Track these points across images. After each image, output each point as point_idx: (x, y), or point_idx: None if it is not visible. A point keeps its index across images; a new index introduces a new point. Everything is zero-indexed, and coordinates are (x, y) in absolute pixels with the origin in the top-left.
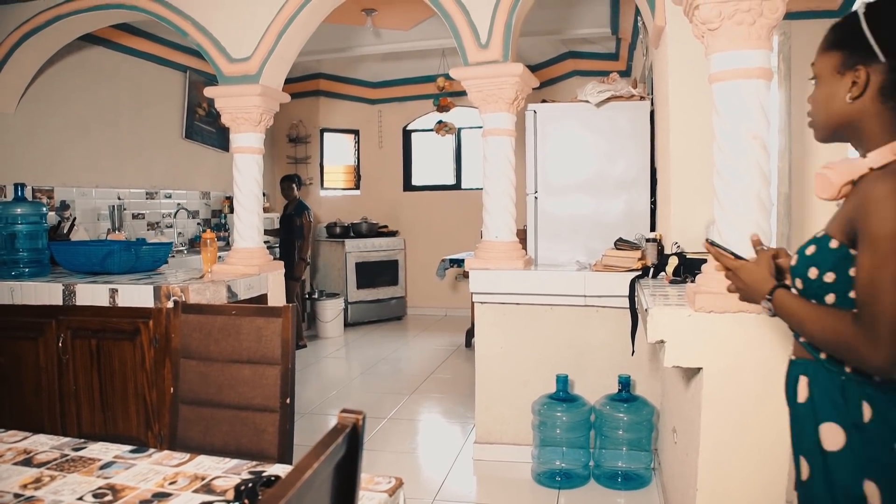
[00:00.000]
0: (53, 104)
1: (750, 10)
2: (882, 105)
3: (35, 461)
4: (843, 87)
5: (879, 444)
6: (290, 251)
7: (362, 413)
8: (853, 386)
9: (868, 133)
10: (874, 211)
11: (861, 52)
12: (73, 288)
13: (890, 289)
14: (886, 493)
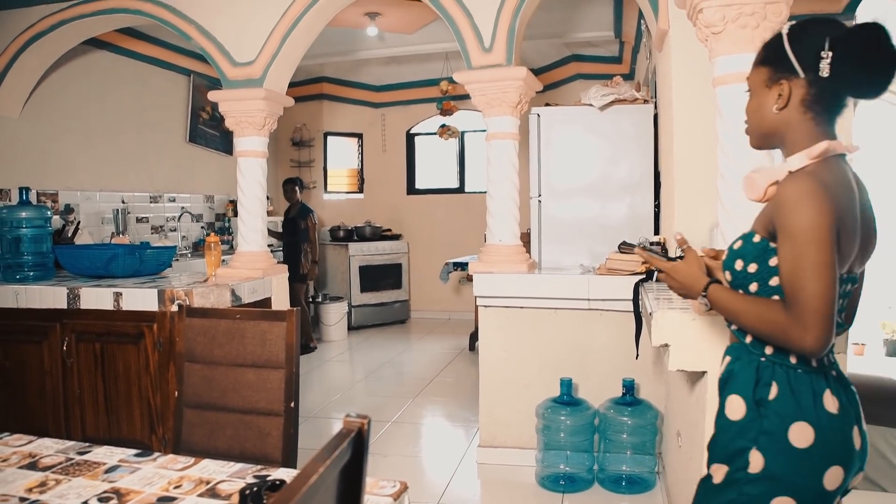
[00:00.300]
0: (58, 108)
1: (754, 14)
2: (803, 115)
3: (40, 465)
4: (770, 98)
5: (777, 420)
6: (295, 254)
7: (367, 417)
8: (768, 367)
9: (791, 139)
10: (789, 209)
11: (784, 68)
12: (77, 291)
13: (811, 276)
14: (770, 461)
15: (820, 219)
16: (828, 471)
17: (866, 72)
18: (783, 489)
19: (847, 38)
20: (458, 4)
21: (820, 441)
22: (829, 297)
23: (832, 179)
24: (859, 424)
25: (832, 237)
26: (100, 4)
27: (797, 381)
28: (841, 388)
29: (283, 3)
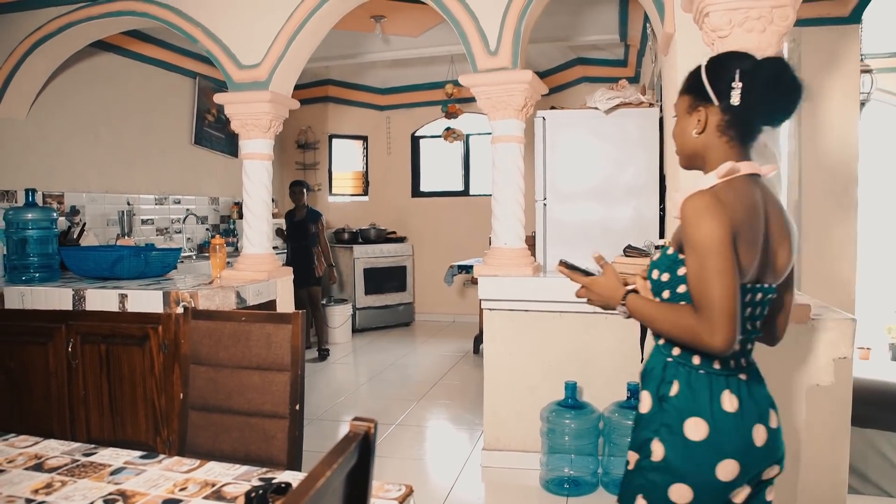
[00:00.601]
0: (64, 110)
1: (760, 18)
2: (718, 139)
3: (46, 466)
4: (691, 124)
5: (675, 414)
6: (307, 258)
7: (374, 421)
8: (673, 367)
9: (709, 160)
10: (690, 223)
11: (702, 97)
12: (82, 293)
13: (714, 281)
14: (668, 452)
15: (718, 230)
16: (720, 463)
17: (771, 100)
18: (679, 477)
19: (753, 71)
20: (463, 8)
21: (713, 435)
22: (732, 299)
23: (731, 197)
24: (765, 423)
25: (730, 246)
26: (107, 7)
27: (696, 381)
28: (747, 390)
29: (289, 6)
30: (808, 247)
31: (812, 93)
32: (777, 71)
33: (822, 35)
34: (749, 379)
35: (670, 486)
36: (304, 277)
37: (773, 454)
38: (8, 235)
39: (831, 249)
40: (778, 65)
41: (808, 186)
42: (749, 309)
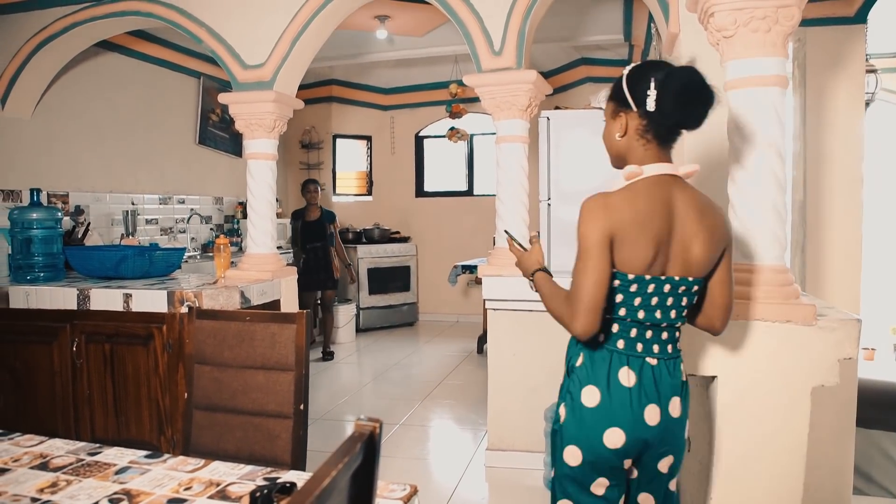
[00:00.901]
0: (69, 110)
1: (765, 18)
2: (637, 141)
3: (51, 465)
4: (615, 127)
5: (577, 382)
6: (325, 259)
7: (379, 421)
8: (574, 344)
9: (630, 161)
10: (579, 222)
11: (623, 103)
12: (87, 293)
13: (581, 278)
14: (568, 415)
15: (593, 234)
16: (608, 430)
17: (681, 106)
18: (572, 439)
19: (666, 79)
20: (468, 8)
21: (604, 404)
22: (590, 293)
23: (621, 199)
24: (662, 406)
25: (601, 248)
26: (111, 7)
27: (598, 355)
28: (650, 373)
29: (294, 6)
30: (812, 247)
31: (817, 93)
32: (687, 79)
33: (828, 35)
34: (658, 364)
35: (566, 448)
36: (322, 280)
37: (667, 440)
38: (13, 235)
39: (836, 250)
40: (688, 73)
41: (813, 187)
42: (654, 297)
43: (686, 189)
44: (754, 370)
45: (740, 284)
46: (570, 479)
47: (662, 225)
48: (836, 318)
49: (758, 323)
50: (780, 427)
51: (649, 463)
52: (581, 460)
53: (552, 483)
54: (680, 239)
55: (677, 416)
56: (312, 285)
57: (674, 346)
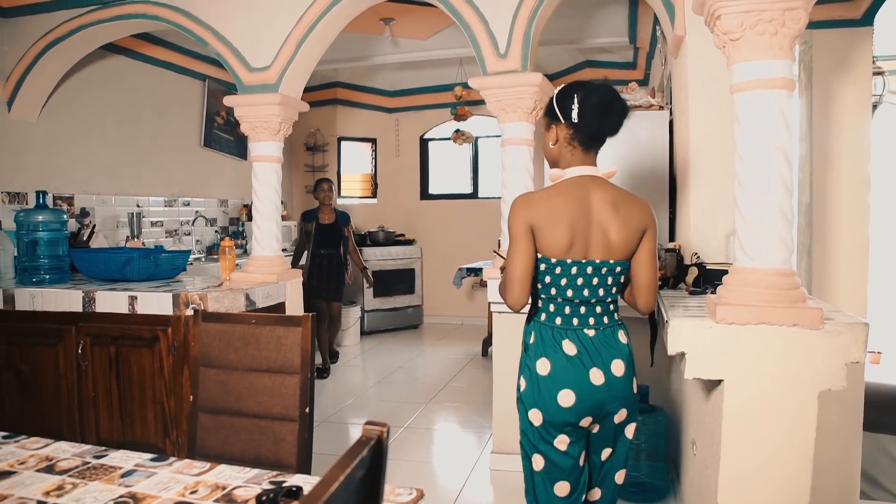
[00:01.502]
0: (74, 112)
1: (772, 21)
2: (565, 149)
3: (57, 468)
4: (549, 137)
5: (531, 356)
6: (338, 266)
7: (386, 425)
8: (531, 324)
9: (561, 164)
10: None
11: (554, 117)
12: (92, 295)
13: (510, 261)
14: (526, 384)
15: (513, 223)
16: (560, 392)
17: (599, 118)
18: (533, 403)
19: (585, 96)
20: (473, 11)
21: (555, 371)
22: (518, 271)
23: (541, 197)
24: (604, 369)
25: (523, 237)
26: (118, 10)
27: (545, 332)
28: (590, 342)
29: (299, 9)
30: (819, 250)
31: (824, 96)
32: (602, 95)
33: (834, 37)
34: (596, 334)
35: (529, 411)
36: (333, 289)
37: (616, 395)
38: (19, 237)
39: (843, 253)
40: (603, 90)
41: (819, 189)
42: (578, 278)
43: (604, 186)
44: (761, 374)
45: (746, 287)
46: (538, 436)
47: (577, 216)
48: (844, 322)
49: (764, 327)
50: (787, 431)
51: (607, 418)
52: (542, 420)
53: (521, 444)
54: (598, 227)
55: (620, 375)
56: (321, 293)
57: (610, 317)
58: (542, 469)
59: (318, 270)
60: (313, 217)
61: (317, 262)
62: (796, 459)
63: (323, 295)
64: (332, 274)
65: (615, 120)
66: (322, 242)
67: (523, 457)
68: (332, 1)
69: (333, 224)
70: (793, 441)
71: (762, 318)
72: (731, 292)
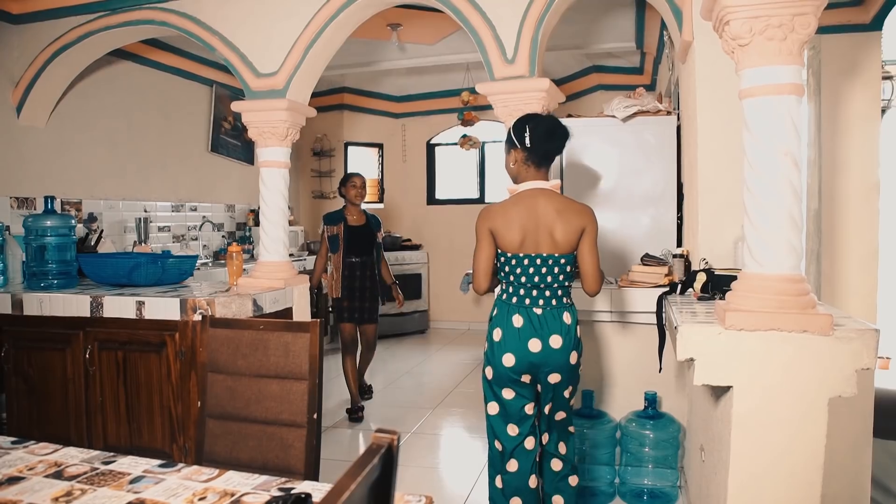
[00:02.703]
0: (83, 118)
1: (781, 26)
2: (522, 167)
3: (66, 474)
4: (510, 159)
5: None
6: (370, 279)
7: (397, 433)
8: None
9: (520, 180)
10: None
11: (512, 144)
12: (100, 300)
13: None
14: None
15: (478, 228)
16: (504, 354)
17: (546, 142)
18: (488, 362)
19: (536, 124)
20: (481, 16)
21: (503, 338)
22: (482, 266)
23: (500, 206)
24: (543, 340)
25: (484, 238)
26: (126, 16)
27: (502, 307)
28: (534, 319)
29: (307, 14)
30: (828, 256)
31: (832, 101)
32: (548, 125)
33: (843, 42)
34: (543, 313)
35: (486, 367)
36: (368, 308)
37: (549, 363)
38: (27, 242)
39: (852, 258)
40: (549, 121)
41: (828, 195)
42: (530, 269)
43: (551, 196)
44: (770, 380)
45: (755, 293)
46: (491, 386)
47: (527, 220)
48: (854, 328)
49: (774, 333)
50: (797, 438)
51: (542, 378)
52: (493, 375)
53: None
54: (545, 228)
55: (557, 347)
56: (353, 314)
57: (558, 300)
58: (497, 413)
59: (349, 283)
60: (340, 218)
61: (346, 273)
62: (806, 466)
63: (355, 317)
64: (366, 288)
65: (559, 143)
66: (352, 248)
67: (484, 403)
68: (339, 7)
69: (364, 226)
70: (803, 448)
71: (771, 325)
72: (741, 298)
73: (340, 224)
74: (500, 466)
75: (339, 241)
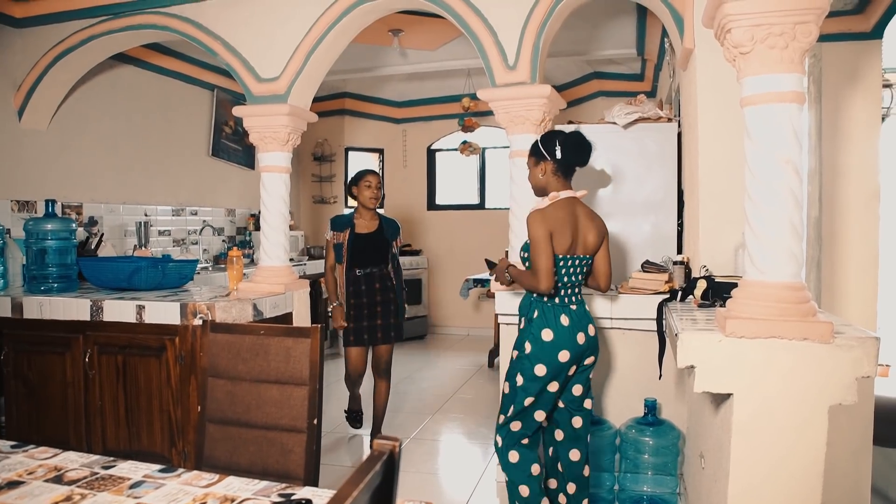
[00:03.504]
0: (84, 122)
1: (783, 34)
2: (552, 178)
3: (66, 479)
4: (538, 171)
5: (537, 326)
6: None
7: (399, 440)
8: (535, 303)
9: (549, 190)
10: (530, 227)
11: (541, 156)
12: (100, 304)
13: (539, 258)
14: (533, 347)
15: (541, 231)
16: (560, 352)
17: (575, 154)
18: (538, 360)
19: (566, 139)
20: (482, 22)
21: (556, 338)
22: (547, 265)
23: (551, 211)
24: (585, 332)
25: (547, 239)
26: (128, 21)
27: (546, 309)
28: (575, 315)
29: (309, 19)
30: (828, 263)
31: (833, 109)
32: (577, 139)
33: (844, 50)
34: (577, 309)
35: (535, 366)
36: (384, 327)
37: (591, 348)
38: (28, 246)
39: (852, 266)
40: (577, 136)
41: (828, 202)
42: (571, 269)
43: (581, 204)
44: (771, 388)
45: (756, 300)
46: (539, 384)
47: (573, 225)
48: (854, 336)
49: (774, 340)
50: (797, 445)
51: (581, 363)
52: (545, 372)
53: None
54: (582, 233)
55: (593, 334)
56: (359, 337)
57: (582, 295)
58: (532, 404)
59: (356, 300)
60: (347, 224)
61: (351, 288)
62: (806, 474)
63: (364, 338)
64: (376, 304)
65: (586, 156)
66: (358, 259)
67: (518, 396)
68: (341, 12)
69: (377, 234)
70: (803, 455)
71: (772, 332)
72: (741, 306)
73: (347, 231)
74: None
75: (343, 250)
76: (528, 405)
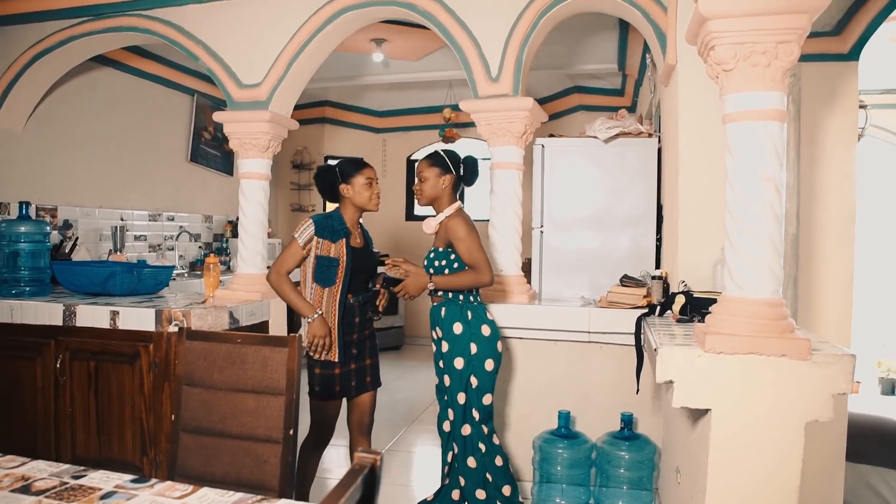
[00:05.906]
0: (61, 123)
1: (765, 53)
2: (448, 191)
3: (34, 489)
4: (443, 181)
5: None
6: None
7: (380, 454)
8: (464, 304)
9: (441, 202)
10: (456, 228)
11: (448, 169)
12: (73, 309)
13: (477, 252)
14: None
15: (469, 230)
16: (497, 342)
17: (471, 175)
18: (486, 356)
19: (466, 160)
20: (467, 34)
21: (493, 331)
22: (486, 257)
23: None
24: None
25: (476, 235)
26: (109, 22)
27: (475, 308)
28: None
29: (292, 27)
30: (804, 281)
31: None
32: (474, 162)
33: (822, 70)
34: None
35: (485, 361)
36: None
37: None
38: (0, 248)
39: (829, 283)
40: (473, 159)
41: (806, 220)
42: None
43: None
44: (749, 404)
45: (735, 316)
46: (490, 379)
47: None
48: (831, 353)
49: (753, 357)
50: (774, 461)
51: None
52: (493, 364)
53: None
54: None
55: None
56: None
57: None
58: (490, 403)
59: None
60: (343, 233)
61: (346, 320)
62: (782, 490)
63: (351, 386)
64: (365, 339)
65: (476, 178)
66: (356, 283)
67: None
68: (325, 20)
69: (365, 248)
70: (779, 472)
71: (751, 348)
72: (720, 321)
73: (342, 242)
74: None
75: (338, 270)
76: (487, 403)
